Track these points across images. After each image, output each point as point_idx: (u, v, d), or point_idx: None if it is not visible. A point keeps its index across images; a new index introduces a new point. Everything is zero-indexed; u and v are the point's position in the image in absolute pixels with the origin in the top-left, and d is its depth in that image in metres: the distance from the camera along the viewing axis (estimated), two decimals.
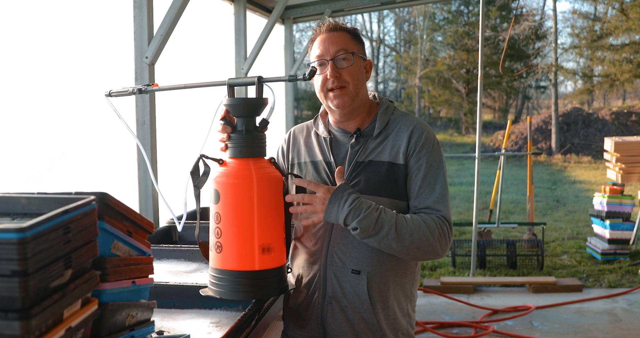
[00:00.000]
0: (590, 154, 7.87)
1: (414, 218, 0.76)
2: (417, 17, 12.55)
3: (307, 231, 0.83)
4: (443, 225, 0.77)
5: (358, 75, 0.81)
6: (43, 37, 1.05)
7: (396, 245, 0.74)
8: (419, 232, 0.75)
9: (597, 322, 2.06)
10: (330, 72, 0.79)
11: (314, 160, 0.85)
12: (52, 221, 0.47)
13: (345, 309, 0.80)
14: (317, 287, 0.81)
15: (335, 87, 0.80)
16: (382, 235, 0.73)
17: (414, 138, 0.80)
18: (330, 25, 0.82)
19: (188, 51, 1.62)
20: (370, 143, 0.82)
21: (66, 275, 0.49)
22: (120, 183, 1.27)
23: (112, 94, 0.83)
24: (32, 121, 1.03)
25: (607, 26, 8.77)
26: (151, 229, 0.66)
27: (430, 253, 0.76)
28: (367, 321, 0.80)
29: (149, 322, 0.65)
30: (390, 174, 0.79)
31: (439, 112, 13.81)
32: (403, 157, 0.79)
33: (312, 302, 0.82)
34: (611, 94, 12.19)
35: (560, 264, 2.87)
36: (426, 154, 0.80)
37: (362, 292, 0.79)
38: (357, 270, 0.78)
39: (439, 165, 0.80)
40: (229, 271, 0.72)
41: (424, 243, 0.75)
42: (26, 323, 0.43)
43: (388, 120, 0.83)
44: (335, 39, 0.80)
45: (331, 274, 0.80)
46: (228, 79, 0.75)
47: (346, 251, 0.79)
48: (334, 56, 0.80)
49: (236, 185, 0.71)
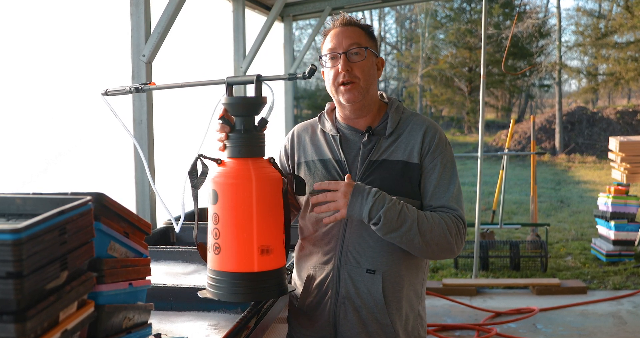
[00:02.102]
0: (594, 154, 7.84)
1: (433, 215, 0.76)
2: (419, 15, 12.51)
3: (316, 231, 0.81)
4: (459, 224, 0.77)
5: (369, 71, 0.80)
6: (38, 35, 1.04)
7: (418, 241, 0.73)
8: (439, 229, 0.75)
9: (601, 324, 2.04)
10: (342, 66, 0.78)
11: (323, 158, 0.83)
12: (48, 222, 0.46)
13: (359, 309, 0.79)
14: (330, 287, 0.80)
15: (347, 82, 0.78)
16: (405, 229, 0.73)
17: (427, 138, 0.80)
18: (344, 19, 0.81)
19: (186, 49, 1.61)
20: (383, 141, 0.81)
21: (62, 276, 0.49)
22: (117, 183, 1.26)
23: (108, 93, 0.83)
24: (28, 121, 1.02)
25: (611, 24, 8.73)
26: (148, 230, 0.65)
27: (447, 252, 0.76)
28: (381, 322, 0.79)
29: (146, 324, 0.65)
30: (406, 173, 0.78)
31: (441, 111, 13.78)
32: (417, 156, 0.79)
33: (324, 302, 0.80)
34: (616, 92, 12.09)
35: (564, 266, 2.85)
36: (440, 154, 0.80)
37: (377, 292, 0.78)
38: (372, 270, 0.77)
39: (452, 165, 0.80)
40: (227, 273, 0.71)
41: (443, 240, 0.75)
42: (21, 326, 0.43)
43: (399, 119, 0.82)
44: (349, 33, 0.79)
45: (345, 274, 0.79)
46: (226, 78, 0.74)
47: (361, 250, 0.78)
48: (347, 50, 0.78)
49: (235, 185, 0.71)
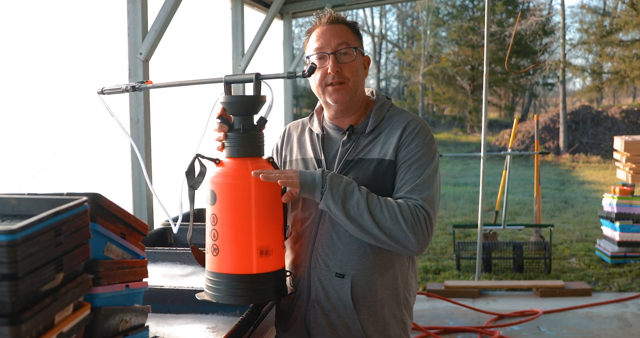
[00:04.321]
0: (599, 154, 7.77)
1: (387, 199, 0.73)
2: (421, 12, 12.42)
3: (293, 231, 0.81)
4: (419, 213, 0.72)
5: (358, 71, 0.79)
6: (34, 33, 1.03)
7: (368, 218, 0.70)
8: (391, 211, 0.71)
9: (606, 327, 2.02)
10: (332, 67, 0.76)
11: (305, 157, 0.82)
12: (43, 223, 0.46)
13: (328, 314, 0.77)
14: (302, 290, 0.79)
15: (335, 83, 0.77)
16: (354, 203, 0.70)
17: (406, 132, 0.77)
18: (331, 17, 0.79)
19: (184, 47, 1.59)
20: (361, 140, 0.79)
21: (57, 278, 0.48)
22: (113, 184, 1.25)
23: (104, 92, 0.82)
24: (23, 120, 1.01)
25: (616, 21, 8.65)
26: (145, 231, 0.64)
27: (404, 241, 0.71)
28: (351, 327, 0.77)
29: (143, 327, 0.64)
30: (378, 171, 0.76)
31: (443, 110, 13.70)
32: (393, 152, 0.77)
33: (297, 305, 0.80)
34: (621, 91, 12.02)
35: (568, 267, 2.82)
36: (417, 147, 0.76)
37: (346, 297, 0.76)
38: (341, 274, 0.76)
39: (428, 160, 0.76)
40: (225, 275, 0.70)
41: (396, 226, 0.70)
42: (16, 329, 0.42)
43: (383, 117, 0.80)
44: (337, 32, 0.78)
45: (315, 277, 0.78)
46: (225, 76, 0.73)
47: (330, 253, 0.77)
48: (336, 50, 0.77)
49: (233, 186, 0.70)
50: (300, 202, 0.79)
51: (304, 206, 0.79)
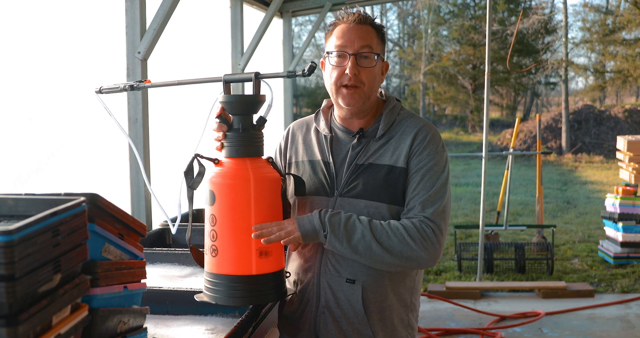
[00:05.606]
0: (602, 154, 7.74)
1: (390, 222, 0.73)
2: (422, 11, 12.34)
3: None
4: (426, 228, 0.72)
5: (376, 77, 0.77)
6: (31, 32, 1.03)
7: (377, 247, 0.71)
8: (398, 234, 0.72)
9: (609, 328, 2.01)
10: (351, 69, 0.75)
11: (312, 159, 0.81)
12: (41, 224, 0.46)
13: (338, 319, 0.77)
14: (311, 296, 0.79)
15: (351, 85, 0.75)
16: (359, 237, 0.71)
17: (417, 139, 0.77)
18: (360, 16, 0.76)
19: (182, 46, 1.59)
20: (372, 144, 0.79)
21: (55, 279, 0.48)
22: (111, 184, 1.25)
23: (102, 91, 0.81)
24: (20, 120, 1.01)
25: (619, 20, 8.62)
26: (144, 231, 0.64)
27: (417, 260, 0.72)
28: (362, 333, 0.77)
29: (142, 328, 0.64)
30: (389, 178, 0.76)
31: (444, 109, 13.65)
32: (405, 159, 0.76)
33: (306, 311, 0.79)
34: (624, 90, 11.99)
35: (570, 268, 2.81)
36: (428, 156, 0.76)
37: (357, 302, 0.76)
38: (352, 279, 0.76)
39: (440, 169, 0.76)
40: (225, 276, 0.70)
41: (406, 247, 0.71)
42: (13, 330, 0.42)
43: (393, 121, 0.79)
44: (362, 33, 0.75)
45: (325, 283, 0.77)
46: (224, 75, 0.73)
47: (340, 259, 0.77)
48: (357, 52, 0.75)
49: (232, 186, 0.69)
50: (308, 206, 0.79)
51: (311, 210, 0.78)
